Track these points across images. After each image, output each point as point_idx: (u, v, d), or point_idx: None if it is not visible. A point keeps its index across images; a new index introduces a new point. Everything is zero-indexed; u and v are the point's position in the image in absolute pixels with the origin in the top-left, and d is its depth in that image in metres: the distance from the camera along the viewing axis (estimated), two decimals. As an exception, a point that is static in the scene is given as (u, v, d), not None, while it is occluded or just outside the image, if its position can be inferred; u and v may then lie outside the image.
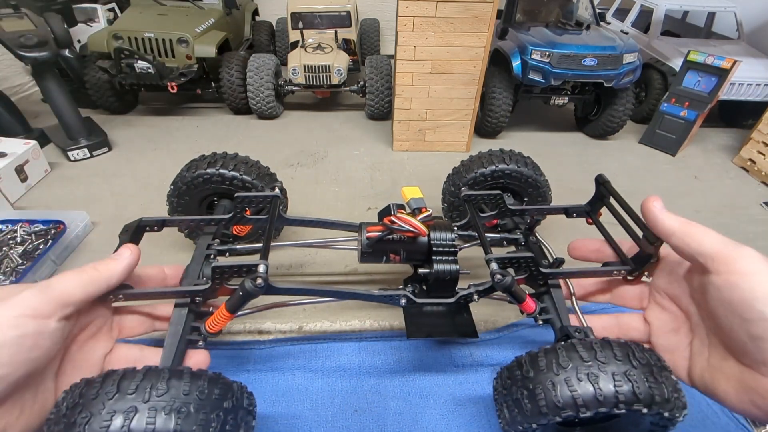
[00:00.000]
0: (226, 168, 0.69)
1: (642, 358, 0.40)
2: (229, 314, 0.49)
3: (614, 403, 0.37)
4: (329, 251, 0.85)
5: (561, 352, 0.41)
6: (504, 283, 0.49)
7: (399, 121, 1.24)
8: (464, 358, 0.62)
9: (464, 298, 0.55)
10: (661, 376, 0.39)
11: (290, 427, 0.53)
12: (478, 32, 1.10)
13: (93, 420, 0.35)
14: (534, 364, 0.42)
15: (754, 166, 1.27)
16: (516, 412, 0.42)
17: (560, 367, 0.40)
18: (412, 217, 0.52)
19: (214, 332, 0.50)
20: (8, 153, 1.00)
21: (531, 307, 0.53)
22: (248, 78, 1.39)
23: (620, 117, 1.36)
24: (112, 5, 1.68)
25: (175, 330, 0.49)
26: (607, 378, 0.38)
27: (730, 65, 1.21)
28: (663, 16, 1.63)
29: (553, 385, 0.39)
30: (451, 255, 0.54)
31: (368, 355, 0.62)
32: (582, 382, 0.39)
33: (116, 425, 0.35)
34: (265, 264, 0.48)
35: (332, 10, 1.67)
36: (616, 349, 0.40)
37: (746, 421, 0.55)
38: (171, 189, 0.71)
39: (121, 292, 0.45)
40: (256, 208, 0.63)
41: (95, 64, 1.34)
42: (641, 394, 0.37)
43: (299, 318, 0.69)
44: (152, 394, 0.37)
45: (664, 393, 0.38)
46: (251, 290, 0.46)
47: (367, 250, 0.55)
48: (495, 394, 0.47)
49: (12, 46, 1.00)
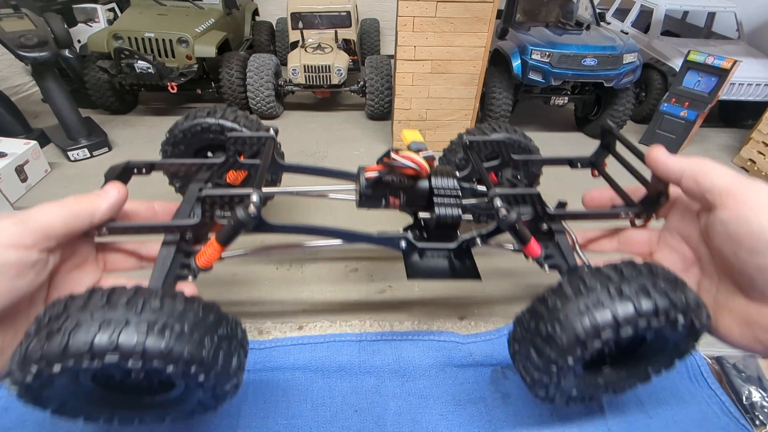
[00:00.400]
0: (227, 119, 0.66)
1: (663, 273, 0.39)
2: (220, 246, 0.46)
3: (653, 311, 0.36)
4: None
5: (587, 276, 0.39)
6: (509, 219, 0.46)
7: (399, 121, 1.24)
8: (464, 358, 0.62)
9: (466, 242, 0.53)
10: (682, 286, 0.39)
11: (290, 427, 0.53)
12: (478, 32, 1.10)
13: (79, 330, 0.32)
14: (560, 294, 0.40)
15: (754, 166, 1.27)
16: (548, 350, 0.39)
17: (590, 289, 0.38)
18: (413, 153, 0.49)
19: (205, 267, 0.47)
20: (8, 153, 1.00)
21: (536, 251, 0.50)
22: (248, 78, 1.39)
23: (620, 117, 1.36)
24: (112, 5, 1.68)
25: (163, 264, 0.45)
26: (637, 290, 0.37)
27: (730, 65, 1.21)
28: (663, 16, 1.63)
29: (587, 307, 0.37)
30: (454, 198, 0.52)
31: (368, 355, 0.62)
32: (614, 299, 0.37)
33: (103, 338, 0.32)
34: (258, 193, 0.44)
35: (332, 10, 1.67)
36: (640, 266, 0.39)
37: (746, 420, 0.55)
38: (166, 137, 0.67)
39: (105, 225, 0.42)
40: (251, 152, 0.60)
41: (95, 64, 1.34)
42: (673, 300, 0.37)
43: (299, 318, 0.69)
44: (145, 308, 0.34)
45: (690, 298, 0.38)
46: (243, 219, 0.43)
47: (365, 191, 0.52)
48: (514, 344, 0.45)
49: (12, 46, 1.00)
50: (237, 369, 0.41)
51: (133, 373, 0.38)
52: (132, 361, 0.33)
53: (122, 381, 0.41)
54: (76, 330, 0.32)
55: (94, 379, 0.39)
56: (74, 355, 0.32)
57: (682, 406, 0.57)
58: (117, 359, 0.32)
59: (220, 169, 0.59)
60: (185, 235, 0.47)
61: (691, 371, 0.61)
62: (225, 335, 0.39)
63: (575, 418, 0.55)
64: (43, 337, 0.33)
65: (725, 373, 0.61)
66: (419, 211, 0.54)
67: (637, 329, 0.37)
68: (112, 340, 0.32)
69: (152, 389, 0.43)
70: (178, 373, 0.35)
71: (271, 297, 0.73)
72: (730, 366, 0.61)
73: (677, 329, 0.38)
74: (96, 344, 0.32)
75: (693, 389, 0.59)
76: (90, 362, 0.32)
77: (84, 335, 0.32)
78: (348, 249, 0.85)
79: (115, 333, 0.33)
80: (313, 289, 0.75)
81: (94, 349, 0.32)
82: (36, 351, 0.32)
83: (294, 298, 0.73)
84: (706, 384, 0.59)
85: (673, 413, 0.56)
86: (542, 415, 0.55)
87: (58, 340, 0.32)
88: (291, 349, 0.62)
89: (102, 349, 0.32)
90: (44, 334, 0.33)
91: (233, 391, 0.42)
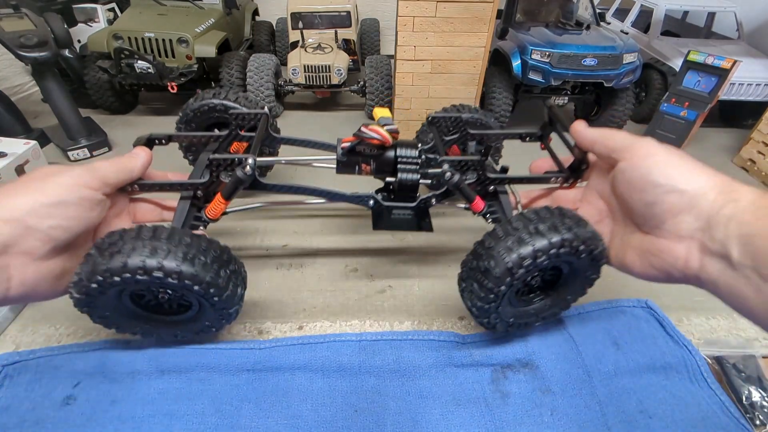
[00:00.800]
0: (229, 99, 0.78)
1: (569, 213, 0.50)
2: (225, 200, 0.57)
3: (560, 243, 0.47)
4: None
5: (513, 221, 0.51)
6: (453, 180, 0.57)
7: (399, 121, 1.24)
8: (464, 358, 0.62)
9: (424, 201, 0.64)
10: (583, 223, 0.50)
11: (290, 427, 0.53)
12: (478, 32, 1.10)
13: (134, 252, 0.44)
14: (494, 235, 0.51)
15: (754, 166, 1.27)
16: (486, 282, 0.51)
17: (515, 229, 0.49)
18: (379, 127, 0.60)
19: (213, 218, 0.59)
20: (8, 153, 1.00)
21: (479, 206, 0.61)
22: (248, 78, 1.39)
23: (620, 117, 1.36)
24: (112, 5, 1.68)
25: (180, 214, 0.59)
26: (549, 227, 0.48)
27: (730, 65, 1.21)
28: (663, 16, 1.63)
29: (513, 243, 0.48)
30: (413, 166, 0.63)
31: (368, 355, 0.62)
32: (533, 235, 0.48)
33: (153, 260, 0.44)
34: (254, 157, 0.55)
35: (332, 10, 1.67)
36: (552, 210, 0.51)
37: (746, 420, 0.55)
38: (179, 116, 0.81)
39: (136, 182, 0.54)
40: (249, 126, 0.71)
41: (95, 64, 1.34)
42: (576, 233, 0.47)
43: (299, 318, 0.69)
44: (180, 242, 0.47)
45: (588, 231, 0.49)
46: (242, 176, 0.54)
47: (341, 159, 0.64)
48: (461, 282, 0.57)
49: (12, 46, 1.00)
50: (239, 299, 0.55)
51: (165, 290, 0.52)
52: (170, 279, 0.45)
53: (149, 301, 0.54)
54: (133, 253, 0.44)
55: (131, 298, 0.52)
56: (131, 270, 0.44)
57: (682, 406, 0.57)
58: (162, 276, 0.45)
59: (224, 142, 0.70)
60: (197, 192, 0.60)
61: (691, 371, 0.61)
62: (234, 270, 0.53)
63: (575, 418, 0.55)
64: (107, 256, 0.45)
65: (725, 373, 0.61)
66: (387, 177, 0.65)
67: (551, 258, 0.48)
68: (159, 262, 0.45)
69: (172, 310, 0.56)
70: (201, 291, 0.48)
71: (271, 297, 0.73)
72: (730, 366, 0.62)
73: (581, 257, 0.49)
74: (147, 263, 0.44)
75: (693, 389, 0.59)
76: (141, 276, 0.45)
77: (138, 256, 0.44)
78: (347, 248, 0.85)
79: (160, 257, 0.45)
80: (313, 289, 0.75)
81: (145, 267, 0.44)
82: (102, 265, 0.44)
83: (294, 298, 0.73)
84: (706, 384, 0.59)
85: (673, 413, 0.56)
86: (542, 414, 0.55)
87: (119, 258, 0.44)
88: (291, 349, 0.62)
89: (151, 267, 0.44)
90: (108, 254, 0.45)
91: (234, 315, 0.56)
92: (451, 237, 0.89)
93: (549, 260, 0.48)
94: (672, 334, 0.66)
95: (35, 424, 0.51)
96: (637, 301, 0.72)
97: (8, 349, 0.61)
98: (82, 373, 0.57)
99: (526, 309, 0.58)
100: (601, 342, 0.65)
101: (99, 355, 0.59)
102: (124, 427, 0.52)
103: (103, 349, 0.60)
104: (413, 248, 0.86)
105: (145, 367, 0.58)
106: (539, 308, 0.59)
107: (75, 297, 0.47)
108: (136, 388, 0.56)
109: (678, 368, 0.61)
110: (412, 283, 0.77)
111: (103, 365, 0.58)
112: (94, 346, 0.60)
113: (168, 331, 0.57)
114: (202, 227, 0.61)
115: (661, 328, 0.67)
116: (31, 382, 0.56)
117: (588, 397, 0.57)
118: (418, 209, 0.65)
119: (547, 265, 0.49)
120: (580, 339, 0.65)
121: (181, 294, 0.53)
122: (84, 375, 0.57)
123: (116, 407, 0.54)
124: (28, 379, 0.56)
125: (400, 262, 0.82)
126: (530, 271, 0.49)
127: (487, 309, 0.54)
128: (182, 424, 0.52)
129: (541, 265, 0.48)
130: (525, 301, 0.59)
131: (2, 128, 1.17)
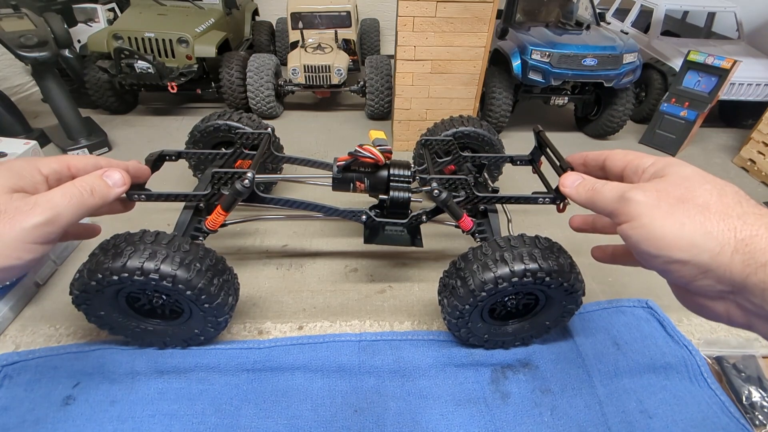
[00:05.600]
0: (233, 120, 0.85)
1: (544, 243, 0.52)
2: (224, 212, 0.59)
3: (522, 273, 0.49)
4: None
5: (485, 246, 0.53)
6: (441, 198, 0.59)
7: (399, 121, 1.24)
8: (464, 358, 0.62)
9: (415, 218, 0.66)
10: (561, 256, 0.52)
11: (290, 427, 0.53)
12: (478, 32, 1.10)
13: (135, 254, 0.47)
14: (465, 258, 0.54)
15: (754, 166, 1.27)
16: (453, 300, 0.54)
17: (484, 255, 0.52)
18: (373, 147, 0.62)
19: (212, 229, 0.62)
20: (8, 153, 0.99)
21: (468, 224, 0.63)
22: (248, 78, 1.39)
23: (620, 117, 1.36)
24: (112, 5, 1.67)
25: (183, 223, 0.64)
26: (515, 257, 0.50)
27: (730, 65, 1.21)
28: (663, 16, 1.63)
29: (478, 268, 0.51)
30: (405, 184, 0.65)
31: (368, 355, 0.62)
32: (497, 263, 0.50)
33: (150, 263, 0.47)
34: (252, 172, 0.56)
35: (332, 10, 1.67)
36: (526, 239, 0.53)
37: (746, 420, 0.55)
38: (188, 137, 0.87)
39: (143, 193, 0.54)
40: (253, 144, 0.74)
41: (95, 64, 1.34)
42: (541, 265, 0.49)
43: (299, 318, 0.69)
44: (179, 248, 0.49)
45: (564, 266, 0.50)
46: (240, 189, 0.55)
47: (337, 176, 0.65)
48: (439, 296, 0.59)
49: (12, 46, 1.00)
50: (230, 308, 0.56)
51: (159, 294, 0.54)
52: (165, 282, 0.47)
53: (144, 305, 0.56)
54: (133, 255, 0.47)
55: (127, 301, 0.54)
56: (129, 270, 0.46)
57: (682, 406, 0.57)
58: (157, 278, 0.47)
59: (230, 159, 0.74)
60: (200, 203, 0.64)
61: (691, 371, 0.61)
62: (227, 279, 0.55)
63: (575, 418, 0.55)
64: (109, 256, 0.47)
65: (725, 373, 0.61)
66: (381, 194, 0.67)
67: (514, 285, 0.50)
68: (157, 265, 0.47)
69: (164, 316, 0.57)
70: (192, 297, 0.50)
71: (271, 297, 0.73)
72: (730, 366, 0.61)
73: (551, 288, 0.51)
74: (145, 266, 0.47)
75: (693, 389, 0.59)
76: (138, 277, 0.47)
77: (138, 258, 0.47)
78: (347, 249, 0.85)
79: (158, 261, 0.47)
80: (313, 289, 0.75)
81: (143, 269, 0.46)
82: (103, 263, 0.47)
83: (294, 298, 0.73)
84: (706, 384, 0.59)
85: (673, 413, 0.56)
86: (542, 414, 0.55)
87: (120, 259, 0.47)
88: (291, 349, 0.62)
89: (149, 269, 0.47)
90: (110, 254, 0.47)
91: (223, 325, 0.58)
92: (451, 240, 0.89)
93: (513, 287, 0.50)
94: (672, 334, 0.66)
95: (35, 424, 0.51)
96: (637, 301, 0.72)
97: (8, 349, 0.61)
98: (81, 373, 0.57)
99: (503, 329, 0.60)
100: (601, 342, 0.65)
101: (99, 356, 0.59)
102: (123, 427, 0.52)
103: (103, 350, 0.60)
104: (413, 250, 0.86)
105: (145, 368, 0.58)
106: (517, 329, 0.60)
107: (74, 293, 0.50)
108: (136, 389, 0.56)
109: (678, 368, 0.61)
110: (412, 283, 0.77)
111: (103, 366, 0.58)
112: (93, 346, 0.60)
113: (158, 337, 0.58)
114: (202, 238, 0.64)
115: (661, 328, 0.67)
116: (31, 382, 0.56)
117: (588, 397, 0.58)
118: (410, 226, 0.67)
119: (512, 291, 0.52)
120: (580, 339, 0.65)
121: (174, 299, 0.54)
122: (83, 375, 0.57)
123: (116, 407, 0.54)
124: (28, 379, 0.56)
125: (400, 263, 0.82)
126: (493, 295, 0.51)
127: (456, 324, 0.57)
128: (182, 425, 0.52)
129: (505, 291, 0.51)
130: (501, 321, 0.60)
131: (2, 128, 1.17)
